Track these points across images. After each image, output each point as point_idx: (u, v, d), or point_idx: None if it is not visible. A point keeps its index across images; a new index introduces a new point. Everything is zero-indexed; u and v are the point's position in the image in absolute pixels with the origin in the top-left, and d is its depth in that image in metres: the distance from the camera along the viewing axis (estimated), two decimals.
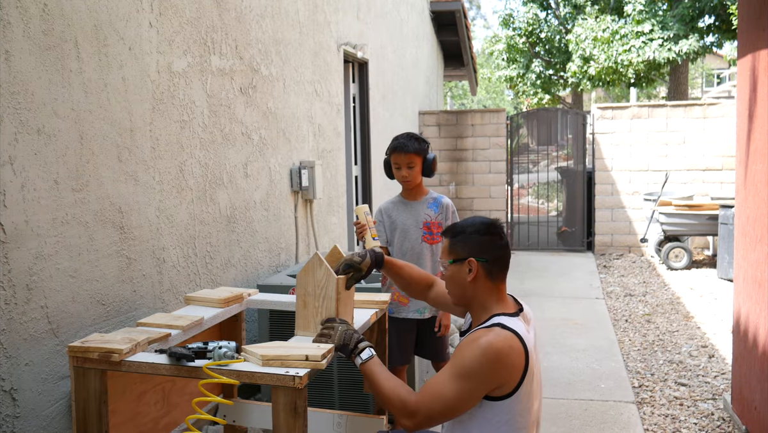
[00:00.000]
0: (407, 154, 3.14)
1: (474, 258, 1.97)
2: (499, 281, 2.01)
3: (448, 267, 2.03)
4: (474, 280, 1.97)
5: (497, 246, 2.00)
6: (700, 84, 31.17)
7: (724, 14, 12.88)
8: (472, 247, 1.99)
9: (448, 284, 2.06)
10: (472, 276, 1.97)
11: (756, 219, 3.24)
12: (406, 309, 3.21)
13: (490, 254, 1.98)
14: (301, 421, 1.88)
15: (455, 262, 2.00)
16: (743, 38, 3.44)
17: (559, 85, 17.44)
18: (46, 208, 2.31)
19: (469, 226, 2.04)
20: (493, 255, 1.99)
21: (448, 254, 2.04)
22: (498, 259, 2.00)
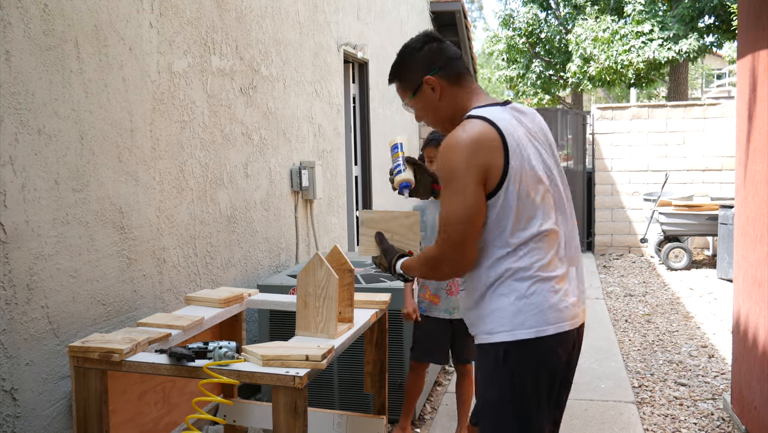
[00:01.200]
0: (436, 149, 3.12)
1: (427, 75, 1.86)
2: (463, 80, 1.89)
3: (412, 103, 1.93)
4: (442, 95, 1.87)
5: (440, 50, 1.89)
6: (700, 84, 31.16)
7: (724, 14, 12.88)
8: (417, 68, 1.88)
9: (427, 119, 1.94)
10: (438, 92, 1.87)
11: (756, 219, 3.24)
12: (437, 308, 3.19)
13: (439, 61, 1.87)
14: (301, 421, 1.89)
15: (415, 93, 1.90)
16: (743, 38, 3.44)
17: (559, 86, 17.44)
18: (46, 209, 2.31)
19: (403, 53, 1.93)
20: (442, 61, 1.87)
21: (404, 92, 1.93)
22: (447, 61, 1.88)
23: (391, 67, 1.97)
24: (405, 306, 3.20)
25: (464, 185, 1.72)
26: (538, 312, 1.76)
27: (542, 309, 1.76)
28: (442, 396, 4.00)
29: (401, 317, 3.23)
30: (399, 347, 3.40)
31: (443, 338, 3.23)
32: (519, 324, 1.75)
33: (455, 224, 1.73)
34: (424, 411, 3.76)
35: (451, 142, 1.75)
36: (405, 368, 3.44)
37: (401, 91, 1.96)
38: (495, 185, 1.74)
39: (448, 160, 1.74)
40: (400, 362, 3.41)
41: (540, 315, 1.76)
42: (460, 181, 1.72)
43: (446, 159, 1.75)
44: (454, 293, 3.16)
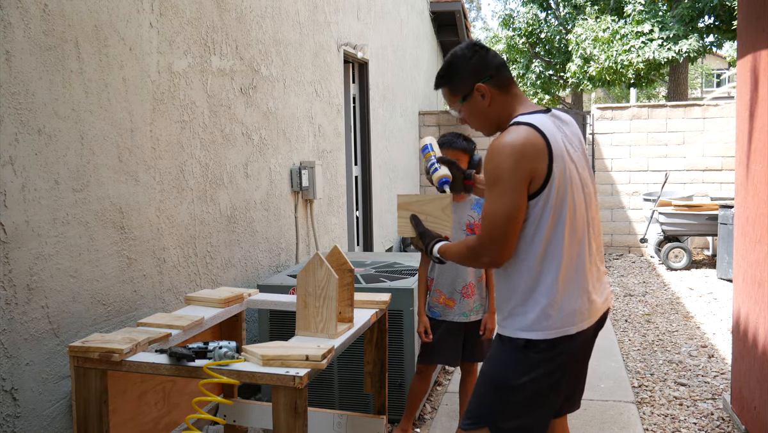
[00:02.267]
0: (454, 150, 3.11)
1: (479, 83, 1.97)
2: (511, 87, 2.00)
3: (462, 109, 2.03)
4: (491, 102, 1.98)
5: (490, 58, 1.99)
6: (700, 84, 31.18)
7: (724, 14, 12.88)
8: (469, 76, 1.98)
9: (474, 123, 2.06)
10: (489, 99, 1.98)
11: (756, 219, 3.24)
12: (452, 312, 3.18)
13: (489, 69, 1.97)
14: (301, 421, 1.89)
15: (465, 99, 2.00)
16: (743, 38, 3.44)
17: (559, 86, 17.44)
18: (46, 209, 2.31)
19: (453, 60, 2.02)
20: (492, 69, 1.98)
21: (453, 98, 2.03)
22: (498, 68, 1.98)
23: (439, 73, 2.06)
24: (418, 324, 3.20)
25: (511, 188, 1.85)
26: (565, 315, 1.93)
27: (569, 313, 1.93)
28: (442, 396, 4.00)
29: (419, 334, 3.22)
30: (399, 347, 3.40)
31: (457, 341, 3.22)
32: (546, 326, 1.93)
33: (499, 221, 1.87)
34: (424, 411, 3.76)
35: (500, 146, 1.86)
36: (405, 368, 3.43)
37: (450, 97, 2.06)
38: (538, 187, 1.87)
39: (497, 163, 1.86)
40: (400, 362, 3.41)
41: (567, 318, 1.93)
42: (507, 183, 1.85)
43: (495, 161, 1.87)
44: (470, 295, 3.15)
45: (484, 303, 3.19)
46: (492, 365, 2.03)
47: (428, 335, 3.15)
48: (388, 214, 7.35)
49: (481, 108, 2.00)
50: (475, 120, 2.05)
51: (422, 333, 3.16)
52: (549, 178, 1.86)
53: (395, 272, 3.79)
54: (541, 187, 1.87)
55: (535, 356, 1.93)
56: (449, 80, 2.03)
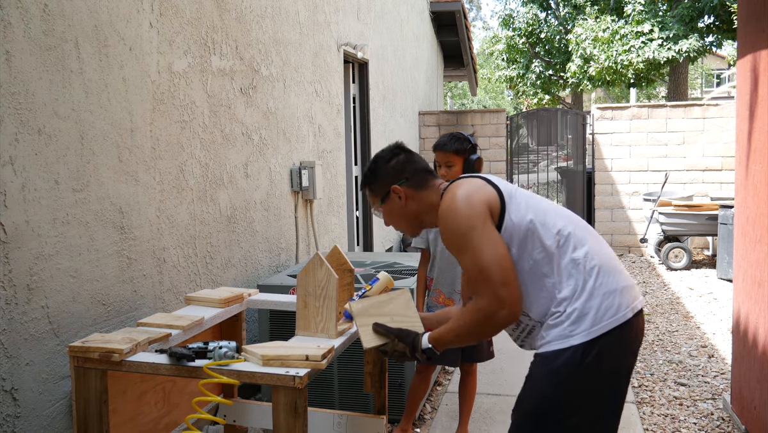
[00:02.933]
0: (445, 153, 3.11)
1: (395, 185, 2.02)
2: (428, 183, 2.03)
3: (382, 210, 2.07)
4: (406, 203, 2.02)
5: (407, 161, 2.05)
6: (700, 84, 31.18)
7: (724, 14, 12.88)
8: (386, 178, 2.03)
9: (395, 223, 2.08)
10: (404, 199, 2.02)
11: (756, 219, 3.24)
12: None
13: (406, 172, 2.03)
14: (301, 421, 1.89)
15: (384, 201, 2.05)
16: (743, 38, 3.44)
17: (559, 86, 17.45)
18: (46, 209, 2.31)
19: (374, 165, 2.08)
20: (408, 172, 2.03)
21: (375, 199, 2.08)
22: (415, 171, 2.03)
23: (363, 175, 2.12)
24: None
25: (481, 232, 1.80)
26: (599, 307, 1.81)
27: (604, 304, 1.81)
28: (442, 396, 4.00)
29: None
30: None
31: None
32: (584, 326, 1.80)
33: (494, 265, 1.77)
34: (424, 411, 3.76)
35: (448, 206, 1.86)
36: (405, 368, 3.44)
37: (371, 198, 2.10)
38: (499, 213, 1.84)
39: (454, 221, 1.83)
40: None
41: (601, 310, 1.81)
42: (476, 230, 1.80)
43: (451, 220, 1.84)
44: None
45: None
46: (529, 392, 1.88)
47: None
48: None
49: (398, 208, 2.03)
50: (395, 220, 2.07)
51: None
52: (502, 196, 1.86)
53: (395, 272, 3.79)
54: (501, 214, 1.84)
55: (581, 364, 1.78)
56: (370, 182, 2.08)
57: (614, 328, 1.80)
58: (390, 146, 2.11)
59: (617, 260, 1.93)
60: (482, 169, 3.20)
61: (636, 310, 1.86)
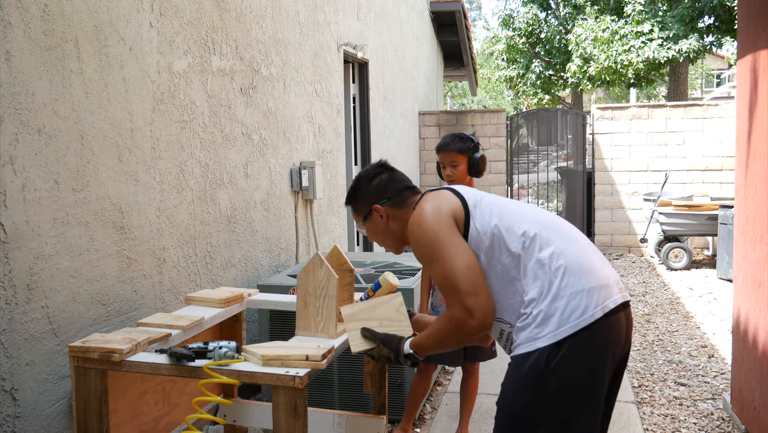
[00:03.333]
0: (448, 153, 3.13)
1: (376, 204, 2.06)
2: (408, 201, 2.07)
3: (365, 227, 2.11)
4: (388, 222, 2.06)
5: (389, 180, 2.09)
6: (700, 84, 31.18)
7: (724, 14, 12.88)
8: (368, 198, 2.08)
9: (378, 240, 2.12)
10: (385, 220, 2.06)
11: (755, 219, 3.24)
12: None
13: (388, 191, 2.07)
14: (301, 421, 1.89)
15: (366, 219, 2.09)
16: (743, 38, 3.44)
17: (559, 86, 17.45)
18: (46, 209, 2.31)
19: (357, 183, 2.12)
20: (390, 192, 2.07)
21: (357, 217, 2.12)
22: (396, 190, 2.07)
23: (347, 194, 2.17)
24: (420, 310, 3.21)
25: (448, 242, 1.82)
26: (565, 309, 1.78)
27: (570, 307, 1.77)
28: (442, 396, 4.00)
29: None
30: None
31: None
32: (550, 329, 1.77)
33: (461, 275, 1.78)
34: (424, 411, 3.76)
35: (415, 220, 1.91)
36: (405, 368, 3.43)
37: (354, 215, 2.15)
38: (464, 221, 1.87)
39: (422, 234, 1.86)
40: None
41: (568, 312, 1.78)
42: (443, 241, 1.83)
43: (419, 234, 1.88)
44: None
45: None
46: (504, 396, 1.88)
47: None
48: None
49: (380, 227, 2.07)
50: (378, 238, 2.11)
51: None
52: (466, 205, 1.89)
53: (395, 272, 3.79)
54: (467, 217, 1.87)
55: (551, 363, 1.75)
56: (353, 201, 2.13)
57: (581, 329, 1.74)
58: (373, 165, 2.15)
59: (593, 259, 1.87)
60: (486, 167, 3.21)
61: (608, 309, 1.78)
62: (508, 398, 1.85)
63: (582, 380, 1.78)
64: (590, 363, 1.78)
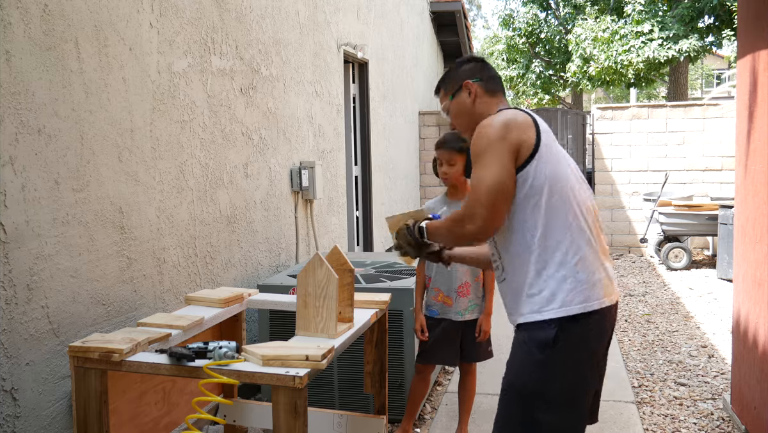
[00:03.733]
0: (447, 151, 3.14)
1: (469, 80, 2.06)
2: (498, 93, 2.08)
3: (450, 105, 2.11)
4: (475, 101, 2.06)
5: (485, 67, 2.11)
6: (700, 85, 31.17)
7: (724, 14, 12.88)
8: (462, 75, 2.09)
9: (457, 121, 2.12)
10: (473, 97, 2.05)
11: (756, 219, 3.24)
12: (450, 310, 3.19)
13: (482, 74, 2.08)
14: (301, 421, 1.89)
15: (454, 95, 2.09)
16: (743, 38, 3.44)
17: (559, 86, 17.45)
18: (46, 209, 2.31)
19: (455, 65, 2.13)
20: (485, 74, 2.08)
21: (445, 95, 2.13)
22: (491, 77, 2.09)
23: (443, 76, 2.16)
24: (415, 322, 3.22)
25: (497, 156, 1.85)
26: (584, 289, 1.87)
27: (587, 286, 1.87)
28: (442, 396, 4.00)
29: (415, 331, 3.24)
30: (399, 347, 3.40)
31: (455, 340, 3.23)
32: (569, 301, 1.86)
33: (487, 187, 1.84)
34: (424, 411, 3.76)
35: (487, 122, 1.91)
36: (405, 368, 3.43)
37: (443, 95, 2.15)
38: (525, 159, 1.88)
39: (483, 136, 1.89)
40: (400, 362, 3.41)
41: (586, 292, 1.87)
42: (494, 152, 1.85)
43: (480, 134, 1.89)
44: (466, 294, 3.16)
45: (480, 303, 3.20)
46: (512, 368, 1.96)
47: (424, 333, 3.16)
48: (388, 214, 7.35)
49: (467, 105, 2.07)
50: (459, 118, 2.11)
51: (418, 331, 3.17)
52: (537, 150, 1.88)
53: (395, 272, 3.79)
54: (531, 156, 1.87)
55: (561, 340, 1.85)
56: (444, 80, 2.15)
57: (593, 311, 1.87)
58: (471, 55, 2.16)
59: (607, 254, 2.00)
60: None
61: (614, 301, 1.94)
62: (512, 370, 1.96)
63: (587, 355, 1.91)
64: (594, 344, 1.92)
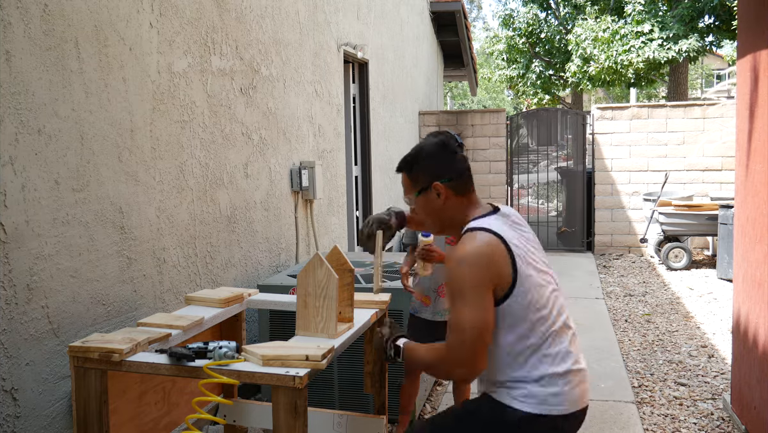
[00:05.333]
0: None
1: (437, 181, 1.94)
2: (468, 192, 1.98)
3: (415, 200, 2.00)
4: (445, 202, 1.96)
5: (456, 161, 1.97)
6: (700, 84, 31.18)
7: (724, 14, 12.88)
8: (431, 172, 1.95)
9: (423, 215, 2.02)
10: (443, 198, 1.95)
11: (756, 219, 3.24)
12: (426, 310, 3.20)
13: (452, 171, 1.95)
14: (301, 421, 1.89)
15: (421, 192, 1.98)
16: (743, 38, 3.44)
17: (559, 86, 17.45)
18: (46, 209, 2.31)
19: (422, 151, 1.99)
20: (454, 172, 1.95)
21: (411, 187, 2.00)
22: (460, 173, 1.97)
23: (404, 159, 2.02)
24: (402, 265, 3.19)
25: (476, 297, 1.79)
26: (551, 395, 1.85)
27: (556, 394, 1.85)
28: (442, 396, 4.00)
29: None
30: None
31: (431, 339, 3.22)
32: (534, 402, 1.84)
33: (469, 330, 1.79)
34: (423, 411, 3.76)
35: (461, 256, 1.81)
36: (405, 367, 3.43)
37: (407, 185, 2.02)
38: (504, 292, 1.82)
39: (460, 273, 1.80)
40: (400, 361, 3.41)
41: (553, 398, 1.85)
42: (472, 293, 1.79)
43: (457, 272, 1.81)
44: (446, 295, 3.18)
45: None
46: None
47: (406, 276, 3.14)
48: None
49: (435, 206, 1.97)
50: (426, 215, 2.01)
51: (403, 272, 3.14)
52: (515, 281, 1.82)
53: (395, 272, 3.79)
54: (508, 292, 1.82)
55: None
56: (410, 169, 2.01)
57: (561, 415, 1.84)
58: (440, 138, 2.00)
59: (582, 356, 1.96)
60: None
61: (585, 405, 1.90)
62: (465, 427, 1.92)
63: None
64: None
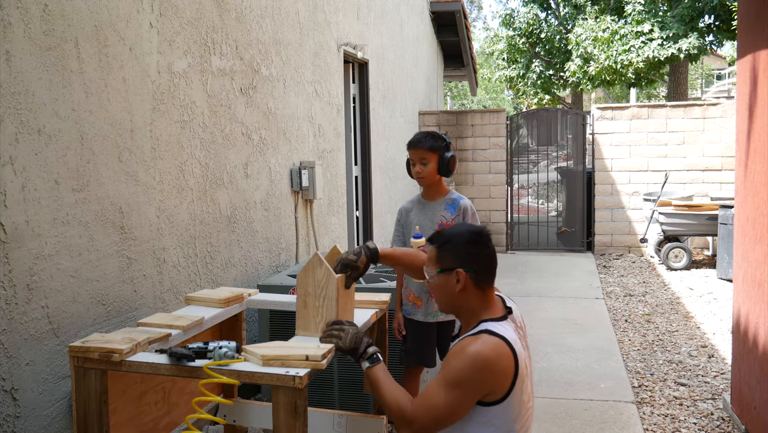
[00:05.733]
0: (419, 150, 3.11)
1: (462, 269, 1.94)
2: (487, 288, 1.98)
3: (435, 276, 2.00)
4: (462, 290, 1.95)
5: (484, 256, 1.98)
6: (700, 84, 31.17)
7: (724, 14, 12.88)
8: (459, 257, 1.96)
9: (435, 292, 2.03)
10: (460, 286, 1.94)
11: (755, 219, 3.24)
12: (419, 311, 3.20)
13: (478, 263, 1.96)
14: (301, 421, 1.89)
15: (442, 272, 1.97)
16: (743, 38, 3.44)
17: (559, 86, 17.44)
18: (46, 209, 2.31)
19: (457, 235, 2.00)
20: (480, 265, 1.96)
21: (435, 263, 2.00)
22: (485, 269, 1.98)
23: (440, 233, 2.04)
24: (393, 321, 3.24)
25: (461, 398, 1.82)
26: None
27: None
28: None
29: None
30: (399, 347, 3.40)
31: (427, 340, 3.23)
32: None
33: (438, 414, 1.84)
34: None
35: (472, 354, 1.82)
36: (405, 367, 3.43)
37: (432, 259, 2.02)
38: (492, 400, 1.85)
39: (462, 367, 1.82)
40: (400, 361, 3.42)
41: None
42: (461, 394, 1.82)
43: (462, 364, 1.82)
44: None
45: None
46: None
47: (402, 332, 3.18)
48: (388, 215, 7.36)
49: (451, 290, 1.97)
50: (440, 295, 2.02)
51: (396, 329, 3.18)
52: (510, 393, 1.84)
53: (395, 273, 3.79)
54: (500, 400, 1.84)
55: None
56: (441, 246, 2.01)
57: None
58: (480, 229, 2.03)
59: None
60: (456, 167, 3.19)
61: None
62: None
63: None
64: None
